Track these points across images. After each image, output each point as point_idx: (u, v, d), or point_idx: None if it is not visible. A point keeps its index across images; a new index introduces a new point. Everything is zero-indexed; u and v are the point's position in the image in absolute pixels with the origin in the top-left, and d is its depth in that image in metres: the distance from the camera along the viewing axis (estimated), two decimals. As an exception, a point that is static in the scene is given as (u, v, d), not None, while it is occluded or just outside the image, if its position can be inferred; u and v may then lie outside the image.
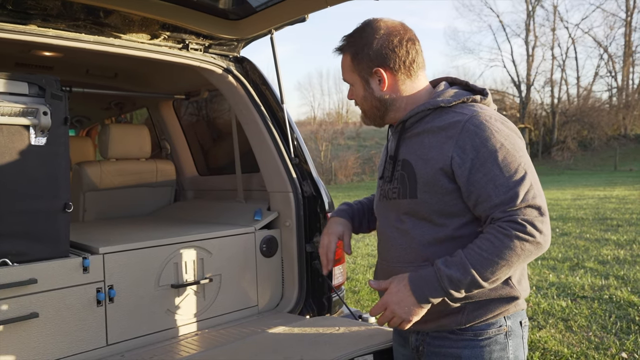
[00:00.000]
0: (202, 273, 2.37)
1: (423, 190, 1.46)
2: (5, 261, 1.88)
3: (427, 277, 1.39)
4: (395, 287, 1.43)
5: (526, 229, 1.31)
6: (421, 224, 1.49)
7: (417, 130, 1.51)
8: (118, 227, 2.79)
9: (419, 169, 1.47)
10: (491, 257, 1.32)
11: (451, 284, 1.35)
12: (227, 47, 2.66)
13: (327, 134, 32.20)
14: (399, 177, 1.53)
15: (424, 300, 1.39)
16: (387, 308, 1.43)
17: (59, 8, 2.07)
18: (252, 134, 2.73)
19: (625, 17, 34.46)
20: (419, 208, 1.48)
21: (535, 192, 1.36)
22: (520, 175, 1.35)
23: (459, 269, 1.34)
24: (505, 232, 1.32)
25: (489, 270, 1.33)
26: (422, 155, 1.47)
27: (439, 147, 1.44)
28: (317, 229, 2.59)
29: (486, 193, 1.36)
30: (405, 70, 1.53)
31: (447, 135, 1.43)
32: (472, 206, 1.41)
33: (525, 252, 1.32)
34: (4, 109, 1.88)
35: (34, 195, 1.96)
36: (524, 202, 1.33)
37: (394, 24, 1.54)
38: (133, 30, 2.32)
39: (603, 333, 3.89)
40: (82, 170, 3.28)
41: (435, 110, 1.50)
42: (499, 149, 1.37)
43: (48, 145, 1.99)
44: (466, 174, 1.38)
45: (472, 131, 1.39)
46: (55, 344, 1.95)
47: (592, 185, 17.33)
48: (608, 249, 6.82)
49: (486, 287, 1.36)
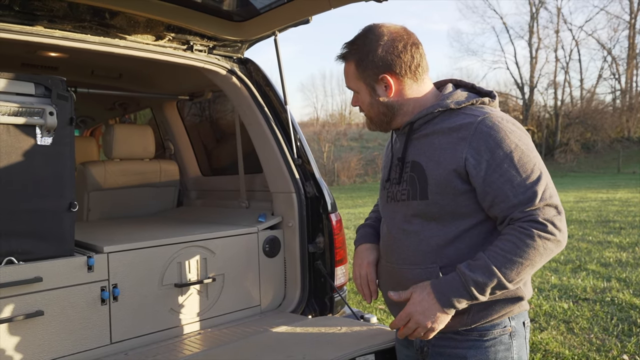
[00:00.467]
0: (205, 272, 2.39)
1: (435, 192, 1.46)
2: (12, 259, 1.90)
3: (451, 283, 1.38)
4: (418, 297, 1.41)
5: (547, 228, 1.33)
6: (431, 225, 1.49)
7: (426, 131, 1.52)
8: (122, 227, 2.82)
9: (430, 170, 1.47)
10: (515, 258, 1.33)
11: (477, 288, 1.35)
12: (231, 48, 2.68)
13: (330, 135, 32.21)
14: (408, 179, 1.53)
15: (449, 305, 1.38)
16: (411, 319, 1.41)
17: (65, 9, 2.09)
18: (256, 135, 2.75)
19: (629, 20, 34.40)
20: (430, 209, 1.47)
21: (552, 191, 1.38)
22: (536, 175, 1.37)
23: (484, 272, 1.34)
24: (527, 232, 1.33)
25: (514, 272, 1.34)
26: (433, 157, 1.47)
27: (451, 148, 1.44)
28: (320, 229, 2.61)
29: (504, 193, 1.37)
30: (412, 75, 1.53)
31: (459, 136, 1.43)
32: (488, 207, 1.42)
33: (547, 251, 1.34)
34: (10, 109, 1.90)
35: (40, 194, 1.99)
36: (542, 202, 1.35)
37: (396, 29, 1.54)
38: (138, 31, 2.34)
39: (605, 335, 3.89)
40: (87, 170, 3.30)
41: (444, 112, 1.50)
42: (514, 150, 1.38)
43: (54, 145, 2.01)
44: (482, 175, 1.39)
45: (486, 132, 1.40)
46: (60, 341, 1.97)
47: (595, 187, 17.30)
48: (610, 252, 6.81)
49: (511, 288, 1.37)
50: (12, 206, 1.92)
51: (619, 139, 30.69)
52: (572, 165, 28.58)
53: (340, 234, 2.62)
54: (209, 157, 3.86)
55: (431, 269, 1.47)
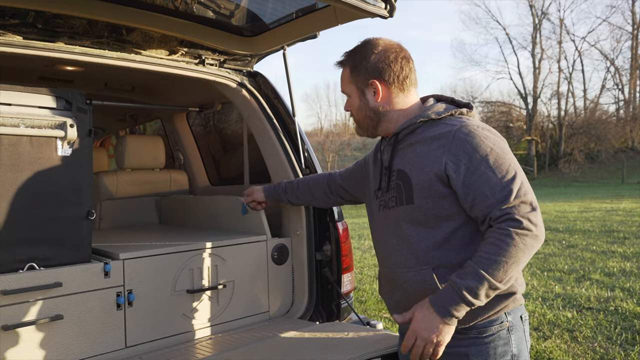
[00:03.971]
0: (216, 279, 2.46)
1: (419, 196, 1.57)
2: (33, 265, 1.98)
3: (446, 294, 1.47)
4: (419, 314, 1.49)
5: (523, 224, 1.41)
6: (419, 229, 1.59)
7: (410, 141, 1.63)
8: (135, 235, 2.89)
9: (414, 176, 1.58)
10: (499, 258, 1.41)
11: (470, 293, 1.43)
12: (241, 62, 2.77)
13: (334, 145, 32.33)
14: (395, 186, 1.64)
15: (449, 315, 1.45)
16: (417, 337, 1.48)
17: (84, 26, 2.19)
18: (265, 145, 2.83)
19: (631, 31, 34.55)
20: (415, 213, 1.58)
21: (526, 189, 1.47)
22: (511, 175, 1.47)
23: (473, 277, 1.43)
24: (505, 232, 1.41)
25: (501, 271, 1.41)
26: (416, 164, 1.59)
27: (432, 155, 1.55)
28: (327, 237, 2.68)
29: (482, 193, 1.47)
30: (399, 85, 1.66)
31: (440, 144, 1.55)
32: (469, 207, 1.51)
33: (528, 247, 1.42)
34: (34, 122, 1.99)
35: (60, 203, 2.06)
36: (517, 199, 1.44)
37: (391, 42, 1.69)
38: (153, 46, 2.44)
39: (608, 344, 3.92)
40: (99, 180, 3.39)
41: (426, 123, 1.62)
42: (490, 153, 1.49)
43: (73, 156, 2.10)
44: (461, 178, 1.49)
45: (463, 139, 1.52)
46: (77, 345, 2.04)
47: (599, 197, 17.28)
48: (614, 261, 6.83)
49: (502, 287, 1.45)
50: (34, 214, 2.00)
51: (622, 149, 30.66)
52: (576, 175, 28.54)
53: (346, 242, 2.68)
54: (217, 167, 3.94)
55: (424, 271, 1.57)
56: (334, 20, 2.29)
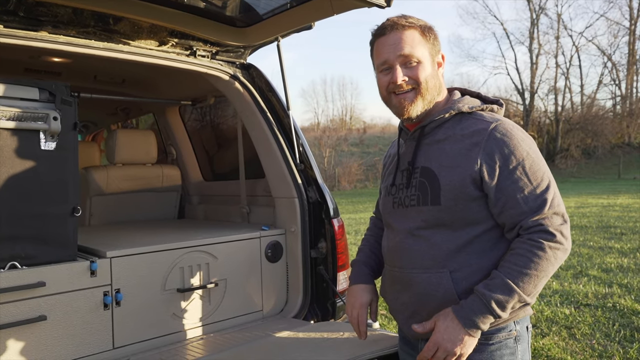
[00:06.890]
0: (207, 277, 2.39)
1: (448, 198, 1.46)
2: (15, 264, 1.90)
3: (472, 305, 1.39)
4: (442, 325, 1.42)
5: (556, 238, 1.36)
6: (441, 230, 1.49)
7: (437, 137, 1.52)
8: (124, 232, 2.82)
9: (443, 177, 1.47)
10: (530, 271, 1.35)
11: (499, 306, 1.36)
12: (234, 54, 2.69)
13: (331, 140, 32.25)
14: (417, 184, 1.52)
15: (475, 327, 1.39)
16: (439, 348, 1.41)
17: (69, 15, 2.10)
18: (258, 140, 2.76)
19: (629, 26, 34.52)
20: (441, 215, 1.48)
21: (559, 199, 1.41)
22: (546, 184, 1.40)
23: (503, 290, 1.36)
24: (538, 245, 1.35)
25: (531, 285, 1.36)
26: (447, 163, 1.47)
27: (465, 154, 1.45)
28: (322, 234, 2.61)
29: (514, 200, 1.39)
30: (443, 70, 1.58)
31: (473, 142, 1.45)
32: (498, 213, 1.43)
33: (558, 260, 1.37)
34: (14, 114, 1.91)
35: (44, 199, 1.99)
36: (550, 210, 1.38)
37: None
38: (142, 36, 2.35)
39: (606, 341, 3.88)
40: (89, 175, 3.31)
41: (454, 117, 1.52)
42: (526, 158, 1.41)
43: (57, 150, 2.02)
44: (495, 181, 1.41)
45: (500, 139, 1.42)
46: (62, 346, 1.97)
47: (595, 193, 17.29)
48: (612, 257, 6.80)
49: (530, 302, 1.39)
50: (15, 211, 1.93)
51: (619, 145, 30.71)
52: (573, 170, 28.58)
53: (342, 240, 2.62)
54: (210, 162, 3.87)
55: (441, 274, 1.47)
56: (330, 10, 2.21)
